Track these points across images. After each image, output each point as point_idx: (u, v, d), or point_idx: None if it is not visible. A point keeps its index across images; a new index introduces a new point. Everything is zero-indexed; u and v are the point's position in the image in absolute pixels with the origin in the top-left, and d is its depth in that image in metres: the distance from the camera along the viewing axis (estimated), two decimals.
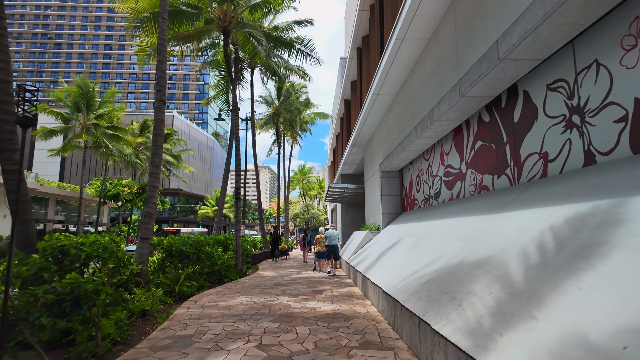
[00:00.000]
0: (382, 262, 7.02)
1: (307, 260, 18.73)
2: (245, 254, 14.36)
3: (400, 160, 9.81)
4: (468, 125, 6.46)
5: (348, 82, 18.64)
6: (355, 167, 20.12)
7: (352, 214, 22.04)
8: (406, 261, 5.74)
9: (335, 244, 12.46)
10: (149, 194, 8.71)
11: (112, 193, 35.26)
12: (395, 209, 11.07)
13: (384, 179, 11.21)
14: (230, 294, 7.88)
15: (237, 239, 11.92)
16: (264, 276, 11.28)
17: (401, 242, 7.24)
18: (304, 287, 8.67)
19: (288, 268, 14.14)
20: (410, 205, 10.19)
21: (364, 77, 13.71)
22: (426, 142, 7.81)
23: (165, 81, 9.20)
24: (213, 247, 10.72)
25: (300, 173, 67.80)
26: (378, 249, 8.58)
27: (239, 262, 11.76)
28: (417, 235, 6.74)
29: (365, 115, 11.54)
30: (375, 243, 9.78)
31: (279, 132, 25.43)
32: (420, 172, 9.27)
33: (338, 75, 23.91)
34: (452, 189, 7.20)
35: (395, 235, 8.60)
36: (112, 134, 32.24)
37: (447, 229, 5.58)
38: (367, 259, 8.54)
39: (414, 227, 7.75)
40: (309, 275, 11.30)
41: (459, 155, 6.89)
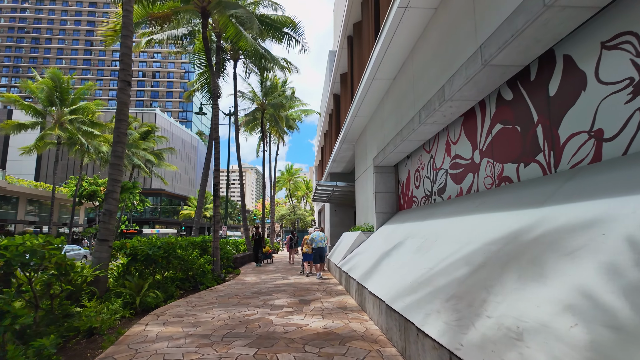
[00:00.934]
0: (382, 268, 5.99)
1: (293, 262, 18.51)
2: (225, 257, 13.17)
3: (397, 154, 8.82)
4: (483, 108, 5.50)
5: (338, 75, 17.64)
6: (344, 165, 19.12)
7: (341, 215, 21.03)
8: (413, 268, 4.73)
9: (322, 247, 11.82)
10: (109, 189, 7.50)
11: (88, 192, 33.44)
12: (391, 208, 10.08)
13: (377, 174, 10.21)
14: (203, 305, 6.73)
15: (215, 240, 10.74)
16: (244, 282, 10.13)
17: (403, 245, 6.23)
18: (289, 296, 7.58)
19: (272, 272, 13.01)
20: (408, 204, 9.21)
21: (356, 67, 12.72)
22: (430, 130, 6.83)
23: (130, 59, 8.01)
24: (187, 250, 9.53)
25: (287, 173, 66.59)
26: (374, 253, 7.55)
27: (217, 266, 10.59)
28: (422, 237, 5.73)
29: (357, 106, 10.54)
30: (369, 245, 8.77)
31: (264, 129, 24.26)
32: (420, 165, 8.30)
33: (327, 69, 22.92)
34: (461, 183, 6.23)
35: (392, 236, 7.59)
36: (88, 130, 30.49)
37: (462, 229, 4.58)
38: (362, 264, 7.51)
39: (415, 227, 6.75)
40: (296, 281, 10.21)
41: (470, 144, 5.92)
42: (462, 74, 4.80)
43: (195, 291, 8.97)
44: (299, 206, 68.91)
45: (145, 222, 62.95)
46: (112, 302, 6.39)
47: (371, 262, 7.09)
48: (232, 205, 75.78)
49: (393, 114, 8.60)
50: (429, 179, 7.74)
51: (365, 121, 11.84)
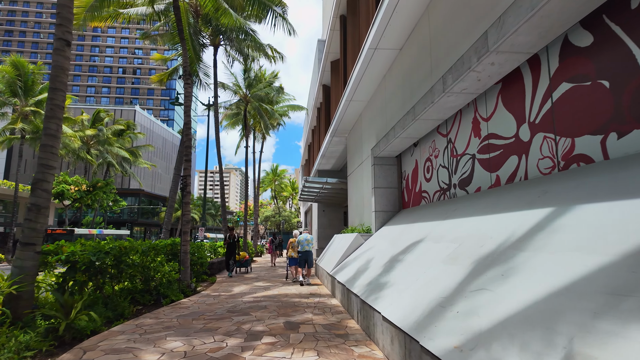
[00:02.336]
0: (396, 281, 4.46)
1: (275, 264, 18.04)
2: (199, 263, 11.45)
3: (402, 140, 7.34)
4: (536, 65, 4.06)
5: (328, 63, 16.14)
6: (334, 162, 17.62)
7: (330, 215, 19.51)
8: (451, 284, 3.22)
9: (308, 250, 10.69)
10: (37, 177, 5.76)
11: (56, 191, 30.96)
12: (392, 206, 8.60)
13: (377, 167, 8.72)
14: (156, 331, 5.07)
15: (184, 244, 9.04)
16: (218, 294, 8.46)
17: (422, 251, 4.72)
18: (271, 315, 5.97)
19: (253, 280, 11.36)
20: (415, 200, 7.74)
21: (350, 49, 11.23)
22: (453, 104, 5.36)
23: (71, 13, 6.31)
24: (148, 256, 7.81)
25: (273, 174, 64.77)
26: (379, 260, 6.03)
27: (185, 275, 8.88)
28: (451, 241, 4.24)
29: (353, 87, 9.04)
30: (370, 250, 7.24)
31: (247, 123, 22.55)
32: (433, 153, 6.84)
33: (315, 61, 21.42)
34: (497, 170, 4.77)
35: (402, 239, 6.09)
36: None
37: (532, 228, 3.10)
38: (363, 274, 5.97)
39: (433, 228, 5.27)
40: (280, 293, 8.60)
41: (513, 117, 4.47)
42: (522, 6, 3.32)
43: (156, 306, 7.28)
44: (284, 207, 67.18)
45: (122, 224, 60.08)
46: (30, 330, 4.68)
47: (376, 271, 5.56)
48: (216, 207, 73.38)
49: (399, 92, 7.12)
50: (446, 168, 6.28)
51: (361, 107, 10.34)
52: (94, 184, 34.39)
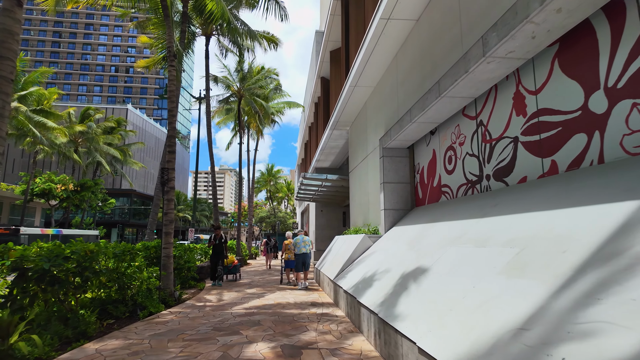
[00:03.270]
0: (429, 297, 3.42)
1: (270, 267, 17.45)
2: (186, 268, 10.34)
3: (419, 126, 6.32)
4: (619, 12, 3.06)
5: (327, 53, 15.11)
6: (333, 158, 16.59)
7: (329, 215, 18.47)
8: (546, 312, 2.19)
9: (305, 252, 10.13)
10: None
11: (40, 190, 29.62)
12: (404, 203, 7.57)
13: (386, 159, 7.69)
14: (120, 357, 3.98)
15: (167, 247, 7.93)
16: (204, 305, 7.38)
17: (462, 257, 3.68)
18: (267, 336, 4.90)
19: (245, 287, 10.27)
20: (433, 196, 6.71)
21: (354, 32, 10.22)
22: (492, 74, 4.34)
23: None
24: (122, 261, 6.71)
25: (268, 174, 63.60)
26: (395, 267, 4.99)
27: (168, 282, 7.78)
28: (506, 245, 3.22)
29: (359, 70, 8.02)
30: (379, 254, 6.20)
31: (241, 119, 21.44)
32: (457, 140, 5.83)
33: (313, 52, 20.40)
34: (554, 154, 3.76)
35: (423, 242, 5.06)
36: (41, 121, 26.77)
37: None
38: (376, 283, 4.92)
39: (465, 228, 4.25)
40: (276, 302, 7.53)
41: (579, 84, 3.46)
42: None
43: (131, 320, 6.20)
44: (279, 208, 66.04)
45: (113, 225, 58.55)
46: None
47: (394, 281, 4.53)
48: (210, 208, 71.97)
49: (416, 69, 6.10)
50: (475, 157, 5.26)
51: (366, 94, 9.32)
52: (82, 183, 33.07)
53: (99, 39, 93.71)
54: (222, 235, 10.87)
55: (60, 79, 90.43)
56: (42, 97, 28.37)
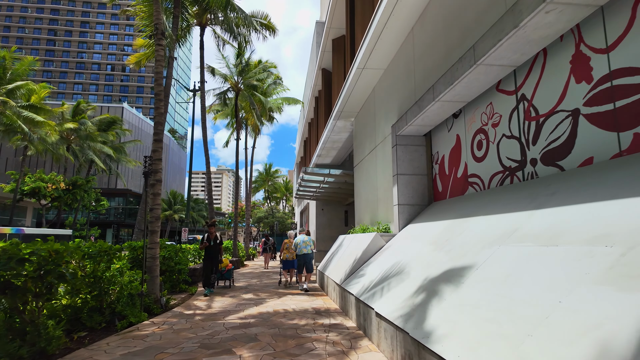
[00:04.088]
0: (489, 315, 2.54)
1: (268, 267, 17.14)
2: (176, 270, 9.43)
3: (442, 105, 5.45)
4: None
5: (329, 41, 14.24)
6: (335, 154, 15.71)
7: (330, 214, 17.58)
8: None
9: (307, 253, 9.63)
10: None
11: (30, 188, 28.61)
12: (420, 197, 6.69)
13: (400, 148, 6.82)
14: None
15: (152, 246, 7.03)
16: (193, 313, 6.48)
17: (523, 260, 2.81)
18: (265, 355, 4.00)
19: (241, 291, 9.38)
20: (456, 188, 5.84)
21: (360, 12, 9.34)
22: (548, 30, 3.47)
23: None
24: (98, 262, 5.81)
25: (266, 174, 62.69)
26: (422, 270, 4.11)
27: (153, 286, 6.87)
28: (593, 242, 2.35)
29: (369, 49, 7.15)
30: (396, 254, 5.32)
31: (238, 115, 20.52)
32: (490, 121, 4.96)
33: (313, 44, 19.53)
34: (637, 126, 2.90)
35: (453, 241, 4.19)
36: (30, 117, 25.75)
37: None
38: (398, 291, 4.03)
39: (515, 224, 3.40)
40: (275, 309, 6.64)
41: None
42: None
43: (107, 332, 5.31)
44: (277, 208, 65.15)
45: (108, 225, 57.51)
46: None
47: (420, 287, 3.65)
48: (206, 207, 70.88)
49: (440, 39, 5.24)
50: (516, 139, 4.39)
51: (375, 77, 8.45)
52: (74, 181, 32.06)
53: (95, 37, 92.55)
54: (217, 235, 9.09)
55: (55, 78, 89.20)
56: (31, 92, 27.39)
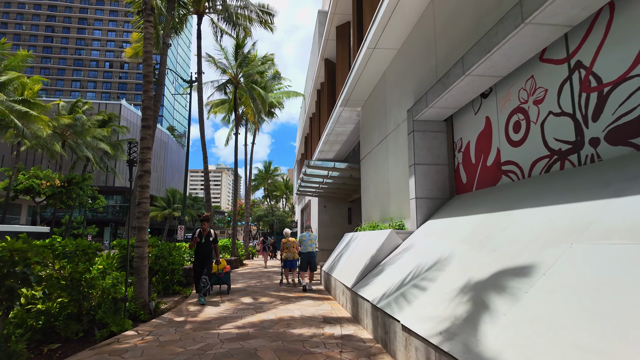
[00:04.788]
0: (595, 336, 1.80)
1: (267, 266, 17.00)
2: (169, 271, 8.69)
3: (473, 81, 4.70)
4: None
5: (333, 28, 13.49)
6: (339, 148, 14.96)
7: (333, 212, 16.84)
8: None
9: (311, 251, 9.46)
10: None
11: (23, 186, 27.84)
12: (441, 190, 5.95)
13: (418, 135, 6.07)
14: None
15: (140, 245, 6.28)
16: (184, 320, 5.75)
17: (616, 262, 2.06)
18: None
19: (239, 293, 8.66)
20: (485, 179, 5.10)
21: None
22: None
23: None
24: (76, 263, 5.07)
25: (265, 172, 61.91)
26: (460, 274, 3.36)
27: (141, 289, 6.13)
28: None
29: (381, 25, 6.41)
30: (416, 254, 4.58)
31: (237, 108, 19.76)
32: (530, 98, 4.21)
33: (315, 34, 18.77)
34: None
35: (495, 241, 3.45)
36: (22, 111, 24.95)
37: None
38: (434, 297, 3.29)
39: (584, 215, 2.65)
40: (277, 316, 5.91)
41: None
42: None
43: (83, 344, 4.60)
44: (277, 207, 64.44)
45: (106, 224, 56.81)
46: None
47: (459, 295, 2.92)
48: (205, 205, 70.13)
49: (469, 5, 4.49)
50: (569, 115, 3.65)
51: (387, 59, 7.70)
52: (69, 179, 31.29)
53: (92, 33, 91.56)
54: (210, 232, 7.54)
55: (53, 75, 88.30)
56: (24, 86, 26.60)
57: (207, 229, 7.55)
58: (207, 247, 7.42)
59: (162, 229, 58.51)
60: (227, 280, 8.65)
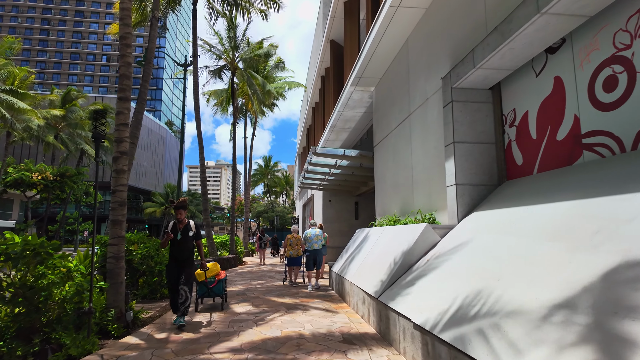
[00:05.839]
0: None
1: (263, 263, 16.98)
2: (157, 272, 7.53)
3: (545, 29, 3.51)
4: None
5: (340, 4, 12.27)
6: (346, 137, 13.79)
7: (339, 206, 15.68)
8: None
9: (318, 249, 8.84)
10: None
11: (13, 178, 26.62)
12: (486, 176, 4.78)
13: (458, 106, 4.89)
14: None
15: (116, 242, 5.12)
16: (166, 338, 4.60)
17: None
18: None
19: (237, 299, 7.51)
20: (552, 158, 3.93)
21: None
22: None
23: None
24: (29, 266, 3.92)
25: (265, 167, 60.74)
26: (564, 288, 2.19)
27: (116, 297, 4.98)
28: None
29: None
30: (473, 254, 3.43)
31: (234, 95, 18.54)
32: (632, 43, 3.03)
33: (319, 14, 17.52)
34: None
35: (615, 238, 2.28)
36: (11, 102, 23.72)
37: None
38: (560, 335, 2.13)
39: None
40: (283, 333, 4.76)
41: None
42: None
43: None
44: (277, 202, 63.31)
45: (103, 220, 55.63)
46: None
47: (599, 333, 1.75)
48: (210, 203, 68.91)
49: None
50: None
51: (411, 22, 6.51)
52: (62, 172, 30.09)
53: (89, 27, 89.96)
54: (190, 224, 5.44)
55: (49, 68, 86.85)
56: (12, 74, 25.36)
57: (184, 219, 5.45)
58: (185, 246, 5.33)
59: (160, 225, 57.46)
60: (221, 291, 6.29)
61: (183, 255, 5.32)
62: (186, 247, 5.35)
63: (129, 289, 7.54)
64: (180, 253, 5.31)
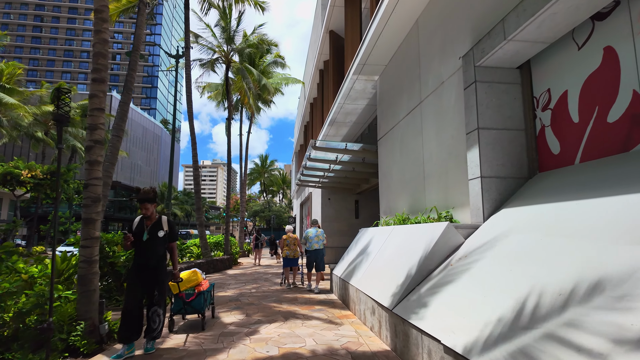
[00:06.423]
0: None
1: (259, 264, 16.85)
2: None
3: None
4: None
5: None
6: (346, 132, 13.15)
7: (338, 204, 15.04)
8: None
9: (318, 249, 8.53)
10: None
11: (1, 174, 25.73)
12: (516, 167, 4.15)
13: (482, 87, 4.25)
14: None
15: (89, 244, 4.44)
16: (137, 356, 3.93)
17: None
18: None
19: (229, 306, 6.85)
20: (600, 143, 3.30)
21: None
22: None
23: None
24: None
25: (261, 166, 60.03)
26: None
27: (89, 307, 4.30)
28: None
29: None
30: (508, 259, 2.80)
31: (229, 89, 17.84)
32: None
33: (317, 5, 16.85)
34: None
35: None
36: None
37: None
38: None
39: None
40: (281, 348, 4.13)
41: None
42: None
43: None
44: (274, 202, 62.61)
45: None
46: None
47: None
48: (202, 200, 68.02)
49: None
50: None
51: (421, 3, 5.87)
52: (53, 170, 29.23)
53: (83, 23, 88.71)
54: (161, 221, 4.29)
55: (42, 65, 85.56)
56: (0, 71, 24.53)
57: (153, 215, 4.25)
58: (153, 249, 4.13)
59: None
60: (202, 306, 4.95)
61: (150, 263, 4.08)
62: (155, 250, 4.12)
63: (112, 295, 6.90)
64: (146, 259, 4.08)
